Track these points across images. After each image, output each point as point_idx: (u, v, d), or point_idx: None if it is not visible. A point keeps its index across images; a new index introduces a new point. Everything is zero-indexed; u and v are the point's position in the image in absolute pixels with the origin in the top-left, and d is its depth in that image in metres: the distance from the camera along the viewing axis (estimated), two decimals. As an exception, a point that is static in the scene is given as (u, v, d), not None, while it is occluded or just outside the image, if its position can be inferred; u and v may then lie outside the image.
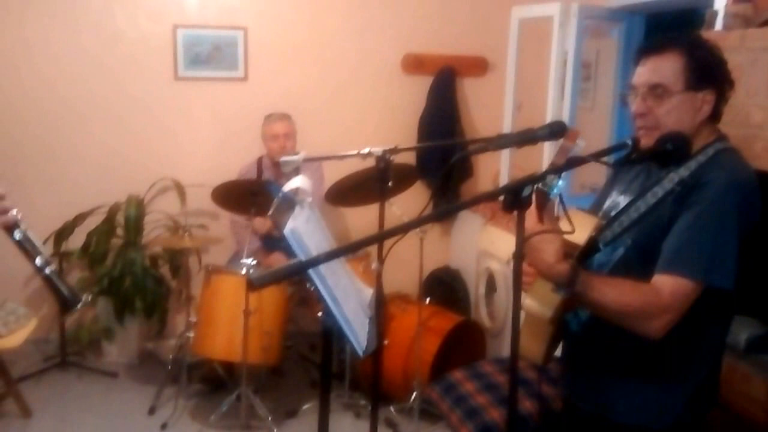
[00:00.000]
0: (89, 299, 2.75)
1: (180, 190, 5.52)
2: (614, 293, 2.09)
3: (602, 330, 2.21)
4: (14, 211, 2.01)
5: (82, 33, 5.43)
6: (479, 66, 6.03)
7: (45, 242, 4.97)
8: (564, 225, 2.09)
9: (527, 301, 2.17)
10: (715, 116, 2.21)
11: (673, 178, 2.15)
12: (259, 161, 5.25)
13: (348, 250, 1.93)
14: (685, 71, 2.14)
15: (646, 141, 2.18)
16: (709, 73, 2.16)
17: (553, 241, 2.09)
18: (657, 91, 2.16)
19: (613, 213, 2.33)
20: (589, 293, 2.08)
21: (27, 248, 2.00)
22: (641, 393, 2.24)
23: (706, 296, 2.07)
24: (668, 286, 2.05)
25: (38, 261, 2.00)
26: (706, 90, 2.16)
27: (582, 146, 2.09)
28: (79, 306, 2.04)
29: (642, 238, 2.20)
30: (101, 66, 5.49)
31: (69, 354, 5.37)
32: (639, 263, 2.18)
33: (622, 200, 2.34)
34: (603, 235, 2.25)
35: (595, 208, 2.48)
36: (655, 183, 2.21)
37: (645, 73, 2.20)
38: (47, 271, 2.02)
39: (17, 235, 2.00)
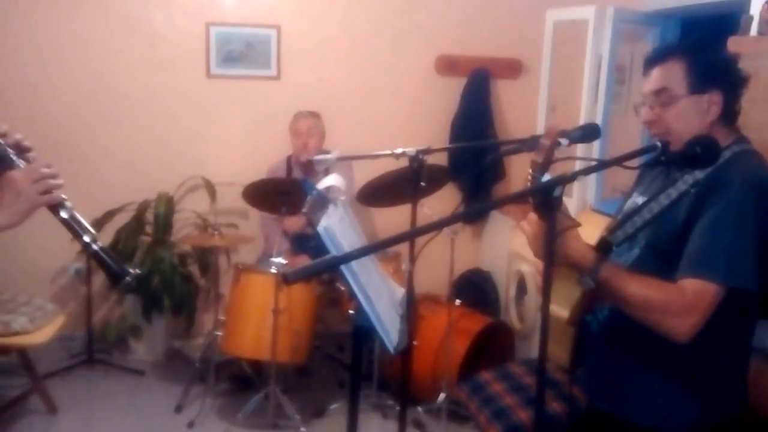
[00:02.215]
0: (140, 272, 2.72)
1: (210, 188, 5.51)
2: (638, 285, 2.09)
3: (621, 330, 2.22)
4: (60, 192, 2.00)
5: (115, 31, 5.44)
6: (513, 68, 5.98)
7: (72, 240, 4.94)
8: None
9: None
10: (727, 117, 2.20)
11: (688, 180, 2.15)
12: (289, 159, 5.23)
13: (381, 246, 1.93)
14: (687, 75, 2.15)
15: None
16: (713, 73, 2.16)
17: (573, 231, 2.12)
18: (662, 97, 2.18)
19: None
20: (613, 282, 2.09)
21: (74, 227, 1.99)
22: (661, 394, 2.22)
23: (728, 298, 2.04)
24: (692, 287, 2.03)
25: (86, 238, 1.98)
26: (712, 91, 2.15)
27: (565, 144, 2.16)
28: (129, 279, 2.02)
29: (656, 239, 2.20)
30: (134, 64, 5.50)
31: (96, 351, 5.37)
32: (654, 264, 2.17)
33: (640, 201, 2.33)
34: (615, 235, 2.25)
35: (618, 211, 2.47)
36: (669, 184, 2.20)
37: (651, 81, 2.22)
38: (95, 247, 2.00)
39: (64, 213, 1.98)
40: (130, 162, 5.57)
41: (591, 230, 2.24)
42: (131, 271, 2.05)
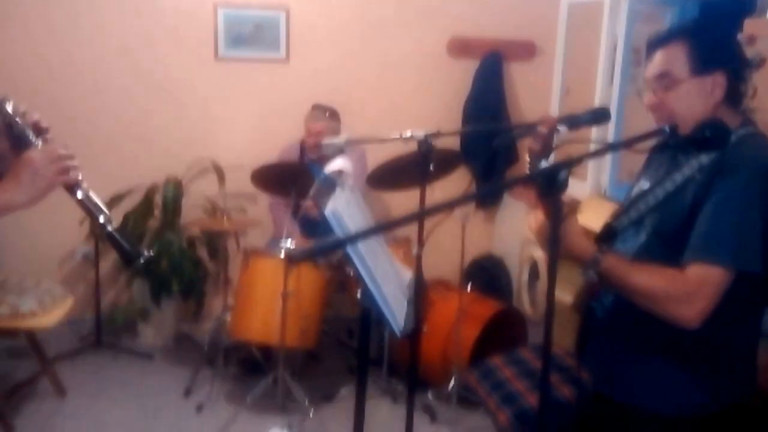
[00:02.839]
0: (152, 254, 2.75)
1: (219, 171, 5.46)
2: (638, 274, 2.10)
3: (626, 316, 2.23)
4: (77, 173, 2.02)
5: (123, 13, 5.38)
6: (527, 50, 5.90)
7: (81, 223, 4.94)
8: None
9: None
10: (733, 99, 2.17)
11: (693, 165, 2.13)
12: (302, 142, 5.18)
13: (387, 226, 1.92)
14: (689, 57, 2.12)
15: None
16: (716, 54, 2.14)
17: (573, 224, 2.15)
18: (664, 81, 2.16)
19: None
20: (614, 273, 2.11)
21: (89, 207, 2.01)
22: (666, 380, 2.22)
23: (735, 282, 2.03)
24: (695, 272, 2.03)
25: (101, 219, 2.00)
26: (715, 72, 2.13)
27: (563, 132, 2.14)
28: (142, 261, 2.05)
29: (662, 225, 2.19)
30: (141, 46, 5.45)
31: (104, 335, 5.34)
32: (660, 250, 2.17)
33: (647, 187, 2.32)
34: (619, 221, 2.27)
35: (626, 198, 2.46)
36: (675, 170, 2.19)
37: (653, 66, 2.19)
38: (109, 228, 2.02)
39: (80, 194, 2.00)
40: (138, 145, 5.54)
41: (593, 217, 2.24)
42: (145, 252, 2.07)
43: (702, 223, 2.06)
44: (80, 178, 2.02)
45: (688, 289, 2.02)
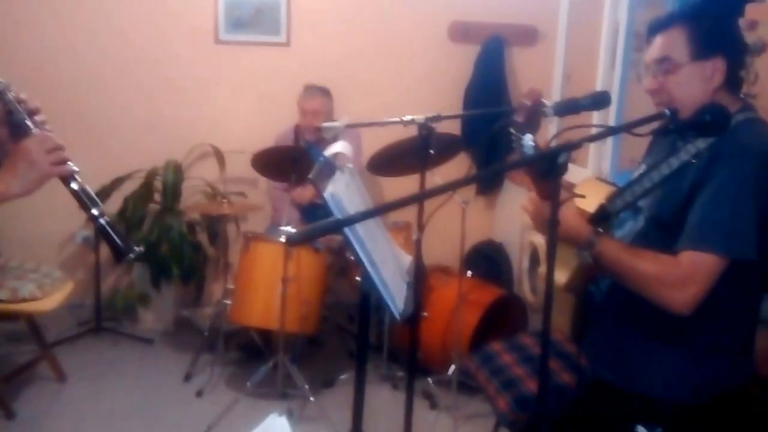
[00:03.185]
0: (143, 250, 2.76)
1: (219, 156, 5.45)
2: (631, 258, 2.12)
3: (623, 300, 2.24)
4: (72, 164, 2.03)
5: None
6: (529, 35, 5.87)
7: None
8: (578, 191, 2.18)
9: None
10: (732, 84, 2.18)
11: (690, 150, 2.14)
12: (297, 128, 5.15)
13: (386, 208, 1.94)
14: (689, 42, 2.14)
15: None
16: (715, 39, 2.16)
17: (568, 206, 2.15)
18: (664, 65, 2.17)
19: None
20: (608, 256, 2.13)
21: (83, 198, 2.01)
22: (663, 365, 2.23)
23: (730, 269, 2.05)
24: (688, 258, 2.05)
25: (94, 211, 2.00)
26: (715, 58, 2.14)
27: (550, 109, 2.17)
28: (132, 256, 2.06)
29: (660, 211, 2.21)
30: (141, 29, 5.44)
31: (104, 320, 5.35)
32: (658, 235, 2.18)
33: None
34: (614, 204, 2.26)
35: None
36: (672, 154, 2.20)
37: (653, 50, 2.21)
38: (102, 221, 2.03)
39: (74, 185, 2.00)
40: (138, 129, 5.52)
41: (589, 201, 2.25)
42: (135, 248, 2.07)
43: (697, 209, 2.07)
44: (75, 168, 2.02)
45: (680, 276, 2.04)
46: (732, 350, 2.22)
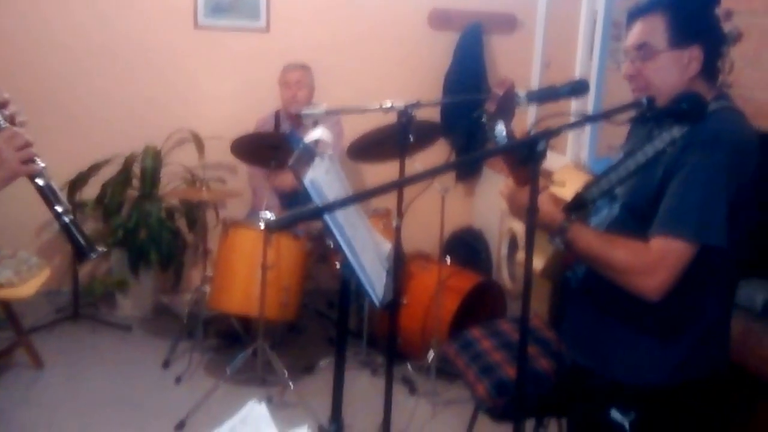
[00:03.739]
0: (105, 250, 2.76)
1: (198, 141, 5.42)
2: (602, 244, 2.14)
3: (598, 286, 2.24)
4: (39, 160, 2.03)
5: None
6: (508, 23, 5.88)
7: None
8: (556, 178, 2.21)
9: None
10: (708, 73, 2.19)
11: (665, 138, 2.14)
12: (277, 114, 5.16)
13: (366, 195, 1.92)
14: (668, 29, 2.15)
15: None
16: (694, 28, 2.16)
17: (544, 193, 2.16)
18: (643, 51, 2.18)
19: None
20: (579, 243, 2.15)
21: (48, 196, 2.00)
22: (637, 350, 2.25)
23: (701, 255, 2.06)
24: (658, 244, 2.06)
25: (58, 209, 1.99)
26: (693, 46, 2.15)
27: (522, 96, 2.17)
28: (94, 256, 2.06)
29: (634, 198, 2.22)
30: (121, 14, 5.39)
31: (82, 306, 5.32)
32: (633, 223, 2.19)
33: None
34: (590, 191, 2.27)
35: None
36: (648, 142, 2.20)
37: (632, 35, 2.22)
38: (66, 219, 2.03)
39: (40, 181, 2.00)
40: (116, 114, 5.48)
41: (567, 188, 2.28)
42: (98, 248, 2.08)
43: (669, 196, 2.08)
44: (43, 165, 2.02)
45: (649, 262, 2.05)
46: (706, 336, 2.24)
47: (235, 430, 1.64)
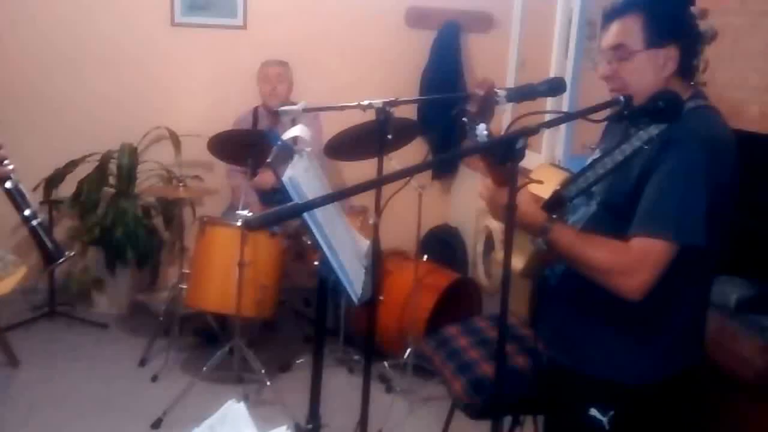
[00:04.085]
0: (73, 254, 2.75)
1: (175, 139, 5.39)
2: (583, 245, 2.15)
3: (576, 283, 2.24)
4: (8, 161, 2.02)
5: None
6: (484, 22, 5.90)
7: (35, 189, 4.89)
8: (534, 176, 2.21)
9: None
10: (684, 72, 2.21)
11: (642, 136, 2.16)
12: (255, 111, 5.16)
13: (345, 194, 1.93)
14: (644, 29, 2.16)
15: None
16: (670, 28, 2.18)
17: (523, 192, 2.16)
18: (619, 52, 2.19)
19: None
20: (561, 243, 2.16)
21: (16, 198, 1.99)
22: (615, 348, 2.26)
23: (680, 254, 2.07)
24: (638, 245, 2.07)
25: (26, 212, 1.98)
26: (669, 46, 2.17)
27: (503, 98, 2.19)
28: (62, 260, 2.09)
29: (610, 197, 2.23)
30: (97, 11, 5.37)
31: (58, 304, 5.30)
32: (609, 221, 2.21)
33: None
34: (568, 189, 2.28)
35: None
36: (625, 140, 2.22)
37: (608, 36, 2.23)
38: (34, 222, 2.01)
39: (8, 184, 1.99)
40: (92, 112, 5.46)
41: (543, 186, 2.28)
42: (66, 252, 2.12)
43: (647, 195, 2.09)
44: (12, 168, 2.00)
45: (630, 262, 2.06)
46: (683, 334, 2.26)
47: (214, 429, 1.64)
